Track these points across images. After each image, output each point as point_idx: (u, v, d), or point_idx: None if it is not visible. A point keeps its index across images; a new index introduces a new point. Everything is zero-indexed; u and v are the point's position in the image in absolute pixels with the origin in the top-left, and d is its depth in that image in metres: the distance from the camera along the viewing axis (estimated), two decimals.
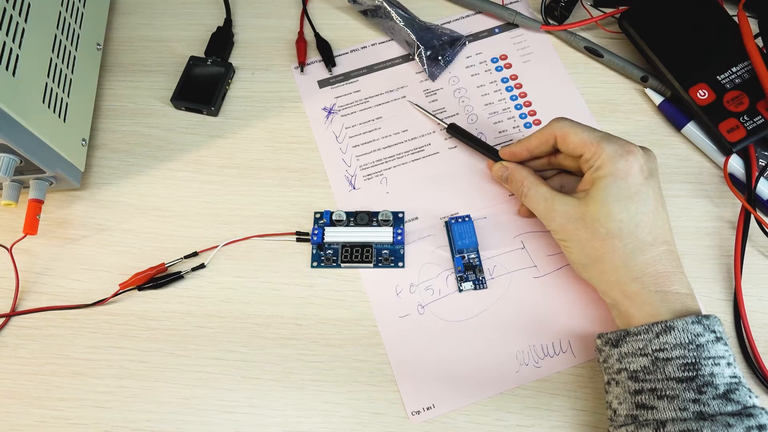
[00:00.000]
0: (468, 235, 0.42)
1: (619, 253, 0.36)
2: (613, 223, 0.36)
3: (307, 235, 0.44)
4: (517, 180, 0.41)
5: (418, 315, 0.41)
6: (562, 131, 0.39)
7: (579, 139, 0.38)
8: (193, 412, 0.39)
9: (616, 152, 0.37)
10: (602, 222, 0.36)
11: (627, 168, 0.36)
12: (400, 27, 0.50)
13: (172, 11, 0.55)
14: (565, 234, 0.38)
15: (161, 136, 0.49)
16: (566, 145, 0.39)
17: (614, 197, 0.36)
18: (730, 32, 0.47)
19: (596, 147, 0.37)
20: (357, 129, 0.49)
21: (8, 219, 0.45)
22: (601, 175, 0.37)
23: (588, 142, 0.38)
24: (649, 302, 0.35)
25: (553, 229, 0.39)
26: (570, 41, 0.51)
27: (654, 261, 0.35)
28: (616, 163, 0.36)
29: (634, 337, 0.34)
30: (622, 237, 0.36)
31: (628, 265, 0.35)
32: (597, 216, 0.36)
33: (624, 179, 0.36)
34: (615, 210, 0.36)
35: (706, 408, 0.31)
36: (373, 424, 0.38)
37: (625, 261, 0.36)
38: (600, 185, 0.36)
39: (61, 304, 0.42)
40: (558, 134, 0.39)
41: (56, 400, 0.40)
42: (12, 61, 0.38)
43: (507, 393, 0.39)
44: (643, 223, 0.36)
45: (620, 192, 0.36)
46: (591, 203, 0.37)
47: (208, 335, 0.41)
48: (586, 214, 0.37)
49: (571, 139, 0.39)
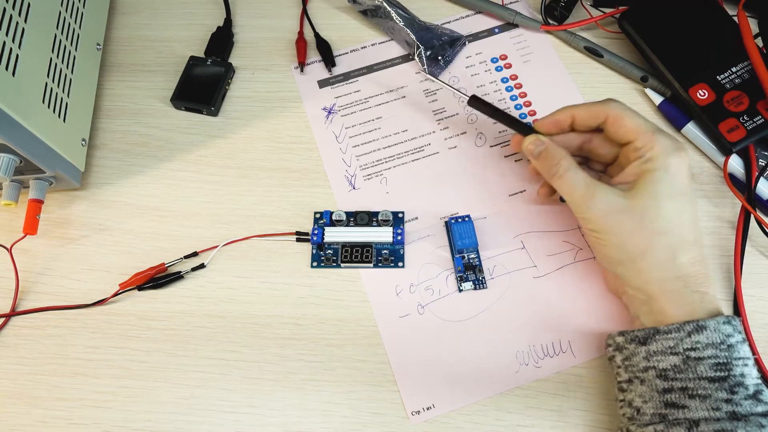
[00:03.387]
0: (468, 235, 0.42)
1: (664, 250, 0.35)
2: (662, 219, 0.35)
3: (307, 235, 0.44)
4: (553, 158, 0.38)
5: (418, 315, 0.41)
6: (617, 111, 0.37)
7: (634, 124, 0.37)
8: (193, 412, 0.39)
9: (670, 147, 0.36)
10: (651, 217, 0.35)
11: (678, 165, 0.35)
12: (400, 27, 0.50)
13: (172, 11, 0.55)
14: (602, 225, 0.36)
15: (161, 136, 0.49)
16: (618, 127, 0.37)
17: (666, 193, 0.35)
18: (730, 32, 0.47)
19: (650, 137, 0.36)
20: (357, 129, 0.49)
21: (8, 219, 0.45)
22: (652, 168, 0.36)
23: (643, 130, 0.36)
24: (689, 301, 0.35)
25: (587, 218, 0.37)
26: (570, 41, 0.51)
27: (695, 261, 0.35)
28: (669, 157, 0.35)
29: (665, 336, 0.34)
30: (670, 234, 0.35)
31: (673, 263, 0.35)
32: (646, 210, 0.35)
33: (675, 176, 0.35)
34: (666, 206, 0.35)
35: (738, 408, 0.32)
36: (373, 424, 0.38)
37: (671, 258, 0.35)
38: (651, 178, 0.35)
39: (61, 304, 0.42)
40: (612, 113, 0.38)
41: (56, 400, 0.40)
42: (12, 61, 0.38)
43: (507, 393, 0.39)
44: (688, 223, 0.35)
45: (671, 189, 0.35)
46: (639, 196, 0.35)
47: (208, 335, 0.41)
48: (634, 207, 0.35)
49: (626, 123, 0.37)
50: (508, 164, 0.47)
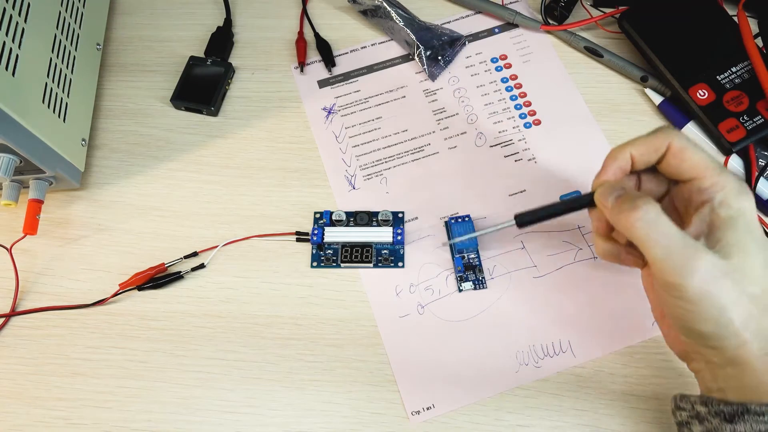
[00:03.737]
0: (467, 234, 0.42)
1: (765, 316, 0.29)
2: (759, 277, 0.29)
3: (306, 235, 0.44)
4: (638, 198, 0.30)
5: (418, 315, 0.41)
6: (681, 143, 0.32)
7: (700, 159, 0.31)
8: (193, 412, 0.39)
9: (740, 188, 0.30)
10: (751, 278, 0.29)
11: (752, 209, 0.30)
12: (399, 27, 0.50)
13: (172, 11, 0.55)
14: (701, 296, 0.29)
15: (161, 136, 0.49)
16: (681, 161, 0.32)
17: (755, 245, 0.29)
18: (730, 32, 0.47)
19: (719, 176, 0.31)
20: (357, 129, 0.49)
21: (8, 219, 0.45)
22: (731, 216, 0.30)
23: (710, 167, 0.31)
24: None
25: (683, 286, 0.29)
26: (570, 41, 0.51)
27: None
28: (742, 201, 0.30)
29: (756, 417, 0.29)
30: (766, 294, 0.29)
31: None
32: (745, 271, 0.29)
33: (752, 223, 0.30)
34: (757, 262, 0.29)
35: None
36: (373, 424, 0.38)
37: None
38: (737, 230, 0.29)
39: (61, 304, 0.42)
40: (675, 144, 0.32)
41: (56, 400, 0.40)
42: (12, 61, 0.38)
43: (507, 393, 0.39)
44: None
45: (756, 238, 0.30)
46: (735, 255, 0.29)
47: (208, 335, 0.41)
48: (734, 270, 0.29)
49: (691, 156, 0.31)
50: (508, 164, 0.47)
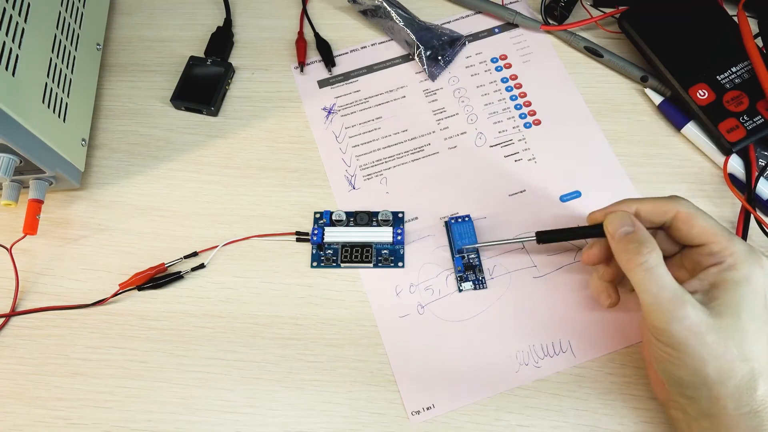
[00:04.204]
0: (468, 234, 0.42)
1: (746, 379, 0.31)
2: (748, 343, 0.31)
3: (306, 235, 0.44)
4: (643, 244, 0.33)
5: (418, 315, 0.41)
6: (689, 211, 0.34)
7: (709, 226, 0.33)
8: (193, 412, 0.39)
9: (750, 255, 0.32)
10: (737, 341, 0.30)
11: (759, 278, 0.31)
12: (399, 27, 0.50)
13: (172, 11, 0.55)
14: (683, 344, 0.31)
15: (161, 136, 0.49)
16: (690, 227, 0.34)
17: (751, 312, 0.31)
18: (730, 32, 0.47)
19: (728, 242, 0.32)
20: (357, 129, 0.49)
21: (8, 219, 0.45)
22: (736, 279, 0.31)
23: (720, 233, 0.33)
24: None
25: (666, 331, 0.31)
26: (570, 41, 0.51)
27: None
28: (752, 267, 0.31)
29: None
30: (752, 360, 0.31)
31: (753, 394, 0.31)
32: (733, 332, 0.31)
33: (757, 291, 0.31)
34: (752, 329, 0.31)
35: None
36: (373, 424, 0.38)
37: (751, 388, 0.31)
38: (737, 293, 0.31)
39: (61, 304, 0.42)
40: (683, 211, 0.34)
41: (56, 400, 0.40)
42: (12, 61, 0.38)
43: (507, 393, 0.39)
44: (766, 347, 0.31)
45: (755, 306, 0.31)
46: (726, 315, 0.31)
47: (208, 335, 0.41)
48: (721, 328, 0.30)
49: (699, 223, 0.33)
50: (508, 164, 0.47)
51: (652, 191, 0.45)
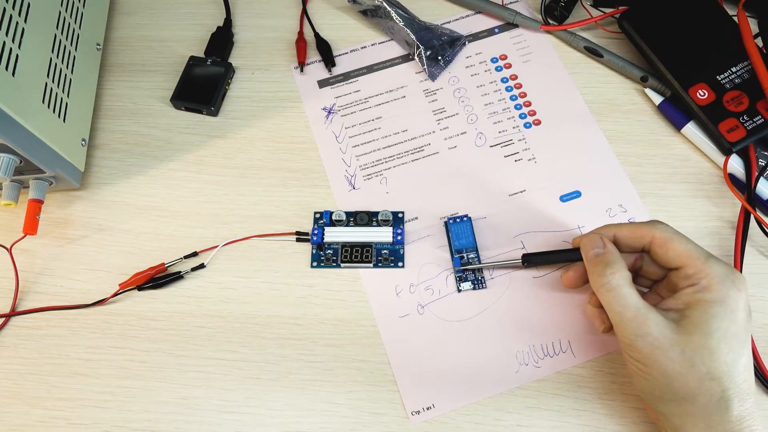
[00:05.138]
0: (465, 235, 0.42)
1: (716, 398, 0.31)
2: (717, 363, 0.31)
3: (306, 235, 0.44)
4: (609, 265, 0.34)
5: (418, 315, 0.41)
6: (664, 235, 0.35)
7: (684, 249, 0.34)
8: (193, 412, 0.39)
9: (727, 277, 0.32)
10: (704, 359, 0.31)
11: (737, 299, 0.32)
12: (399, 27, 0.50)
13: (172, 11, 0.55)
14: (649, 359, 0.32)
15: (161, 136, 0.49)
16: (666, 251, 0.34)
17: (723, 332, 0.31)
18: (730, 32, 0.47)
19: (703, 264, 0.33)
20: (357, 129, 0.49)
21: (8, 219, 0.45)
22: (708, 300, 0.32)
23: (694, 256, 0.33)
24: None
25: (632, 346, 0.32)
26: (570, 41, 0.51)
27: (749, 414, 0.31)
28: (727, 290, 0.32)
29: None
30: (724, 380, 0.31)
31: (725, 414, 0.31)
32: (700, 350, 0.31)
33: (733, 312, 0.32)
34: (722, 348, 0.31)
35: None
36: (373, 424, 0.38)
37: (724, 408, 0.31)
38: (707, 313, 0.32)
39: (61, 304, 0.42)
40: (658, 236, 0.35)
41: (56, 400, 0.40)
42: (12, 61, 0.38)
43: (507, 393, 0.39)
44: (744, 369, 0.32)
45: (728, 327, 0.31)
46: (695, 333, 0.31)
47: (208, 335, 0.41)
48: (687, 345, 0.31)
49: (675, 247, 0.34)
50: (508, 164, 0.47)
51: (652, 191, 0.45)
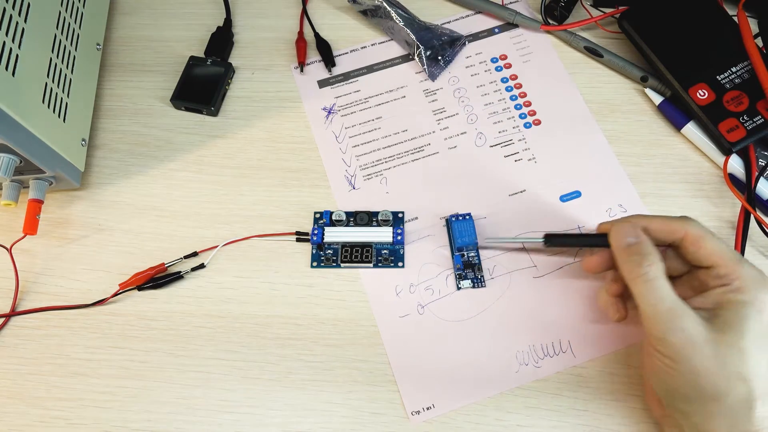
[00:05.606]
0: (468, 232, 0.42)
1: (743, 399, 0.31)
2: (747, 364, 0.31)
3: (306, 235, 0.44)
4: (646, 256, 0.34)
5: (418, 315, 0.41)
6: (698, 232, 0.34)
7: (717, 249, 0.34)
8: (193, 412, 0.39)
9: (759, 280, 0.33)
10: (735, 359, 0.31)
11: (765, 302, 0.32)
12: (399, 27, 0.50)
13: (172, 11, 0.55)
14: (679, 354, 0.31)
15: (161, 136, 0.49)
16: (698, 249, 0.34)
17: (754, 333, 0.31)
18: (730, 32, 0.47)
19: (736, 265, 0.33)
20: (357, 129, 0.49)
21: (8, 219, 0.45)
22: (740, 301, 0.32)
23: (727, 257, 0.33)
24: None
25: (664, 341, 0.32)
26: (570, 41, 0.51)
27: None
28: (759, 292, 0.32)
29: None
30: (751, 381, 0.31)
31: (749, 415, 0.31)
32: (732, 350, 0.31)
33: (762, 314, 0.32)
34: (752, 349, 0.31)
35: None
36: (373, 424, 0.38)
37: (748, 408, 0.31)
38: (740, 313, 0.32)
39: (61, 304, 0.42)
40: (692, 233, 0.34)
41: (56, 400, 0.40)
42: (12, 61, 0.38)
43: (507, 393, 0.39)
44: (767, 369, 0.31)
45: (759, 328, 0.31)
46: (728, 332, 0.31)
47: (208, 335, 0.41)
48: (720, 343, 0.31)
49: (708, 245, 0.34)
50: (508, 164, 0.47)
51: (652, 191, 0.45)
